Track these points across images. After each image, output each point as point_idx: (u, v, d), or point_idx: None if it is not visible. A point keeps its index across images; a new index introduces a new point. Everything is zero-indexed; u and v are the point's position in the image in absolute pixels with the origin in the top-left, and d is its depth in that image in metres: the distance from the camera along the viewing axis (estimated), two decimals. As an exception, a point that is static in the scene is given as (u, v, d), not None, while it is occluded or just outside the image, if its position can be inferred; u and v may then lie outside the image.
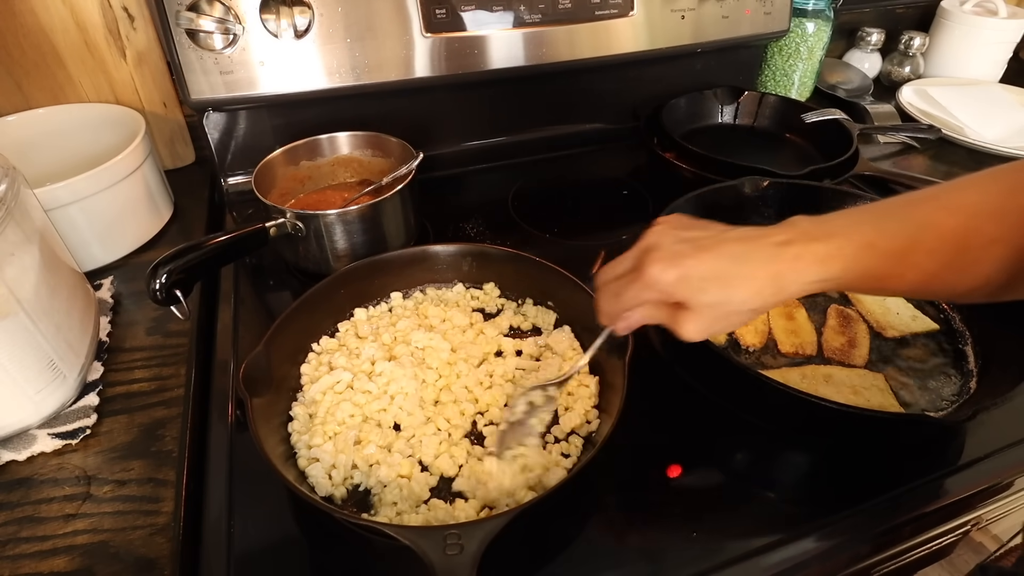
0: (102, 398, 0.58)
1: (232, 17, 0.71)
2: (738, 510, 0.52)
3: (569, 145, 1.02)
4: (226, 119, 0.82)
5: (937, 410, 0.58)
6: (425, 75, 0.82)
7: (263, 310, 0.72)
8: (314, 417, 0.55)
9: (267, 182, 0.74)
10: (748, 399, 0.58)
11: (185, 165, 0.92)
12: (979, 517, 0.65)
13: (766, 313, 0.67)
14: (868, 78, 1.21)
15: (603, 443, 0.48)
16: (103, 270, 0.73)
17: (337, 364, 0.59)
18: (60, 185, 0.65)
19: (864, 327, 0.66)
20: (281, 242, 0.69)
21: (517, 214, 0.87)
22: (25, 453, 0.53)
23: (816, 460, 0.56)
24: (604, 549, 0.48)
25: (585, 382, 0.59)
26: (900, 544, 0.58)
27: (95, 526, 0.48)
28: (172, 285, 0.57)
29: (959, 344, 0.65)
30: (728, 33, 0.95)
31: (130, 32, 0.79)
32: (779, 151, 1.00)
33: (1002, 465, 0.55)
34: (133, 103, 0.83)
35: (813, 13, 1.05)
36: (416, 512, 0.48)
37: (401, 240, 0.75)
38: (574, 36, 0.86)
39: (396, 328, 0.64)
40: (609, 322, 0.47)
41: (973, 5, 1.22)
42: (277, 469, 0.46)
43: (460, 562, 0.39)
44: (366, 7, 0.76)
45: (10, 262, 0.50)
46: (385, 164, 0.80)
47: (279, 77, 0.76)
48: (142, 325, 0.66)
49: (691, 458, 0.54)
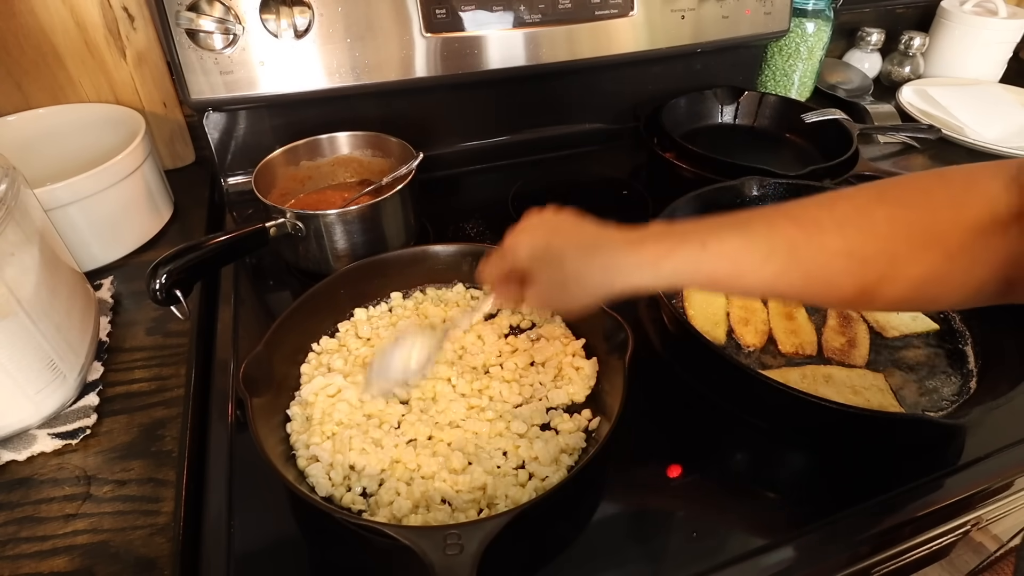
0: (102, 398, 0.58)
1: (232, 17, 0.71)
2: (738, 510, 0.52)
3: (569, 145, 1.02)
4: (226, 119, 0.82)
5: (937, 410, 0.58)
6: (425, 75, 0.82)
7: (263, 310, 0.72)
8: (311, 419, 0.55)
9: (267, 182, 0.74)
10: (748, 399, 0.58)
11: (185, 165, 0.92)
12: (979, 517, 0.65)
13: (766, 313, 0.67)
14: (868, 78, 1.21)
15: (603, 443, 0.48)
16: (103, 270, 0.73)
17: (335, 367, 0.59)
18: (60, 185, 0.65)
19: (864, 327, 0.66)
20: (281, 242, 0.69)
21: (517, 214, 0.86)
22: (25, 453, 0.53)
23: (816, 460, 0.56)
24: (604, 549, 0.48)
25: (577, 364, 0.60)
26: (900, 544, 0.58)
27: (95, 526, 0.48)
28: (172, 285, 0.57)
29: (959, 344, 0.65)
30: (728, 33, 0.95)
31: (130, 32, 0.79)
32: (779, 151, 1.00)
33: (1002, 465, 0.55)
34: (133, 103, 0.83)
35: (813, 13, 1.05)
36: (416, 512, 0.48)
37: (401, 240, 0.75)
38: (574, 36, 0.86)
39: (396, 327, 0.64)
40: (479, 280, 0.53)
41: (973, 5, 1.22)
42: (277, 469, 0.46)
43: (460, 562, 0.39)
44: (366, 7, 0.76)
45: (10, 262, 0.50)
46: (385, 164, 0.80)
47: (279, 77, 0.76)
48: (142, 325, 0.66)
49: (691, 458, 0.54)
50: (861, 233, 0.38)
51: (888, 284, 0.38)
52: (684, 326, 0.58)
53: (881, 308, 0.40)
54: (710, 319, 0.66)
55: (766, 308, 0.68)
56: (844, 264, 0.38)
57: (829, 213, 0.40)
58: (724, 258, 0.40)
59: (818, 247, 0.39)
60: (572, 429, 0.55)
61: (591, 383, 0.59)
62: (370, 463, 0.51)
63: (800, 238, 0.39)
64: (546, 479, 0.51)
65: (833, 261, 0.39)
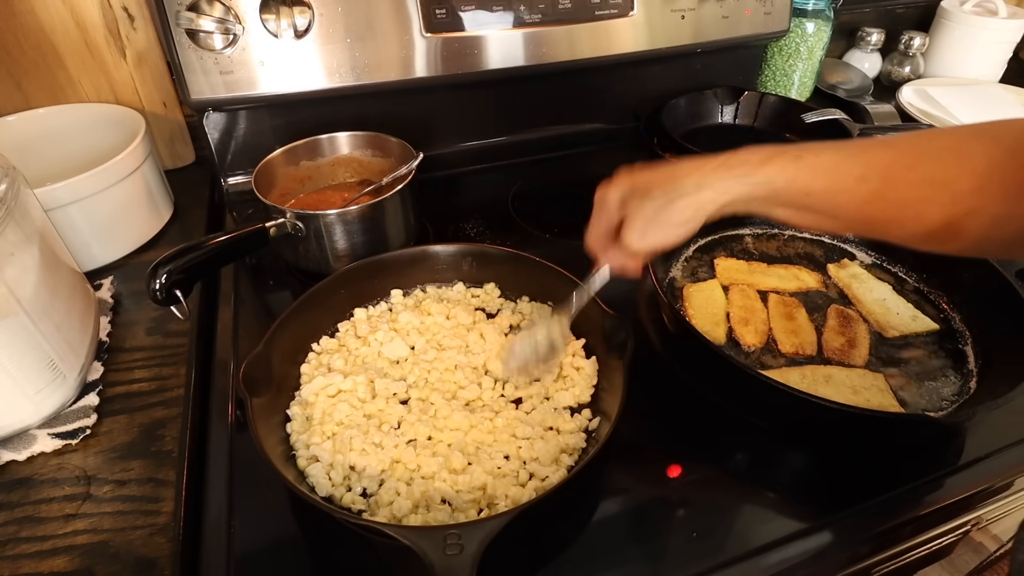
0: (102, 398, 0.58)
1: (232, 17, 0.71)
2: (738, 510, 0.52)
3: (569, 145, 1.02)
4: (226, 119, 0.82)
5: (937, 410, 0.58)
6: (425, 75, 0.82)
7: (263, 310, 0.72)
8: (311, 419, 0.55)
9: (267, 182, 0.74)
10: (748, 399, 0.58)
11: (185, 165, 0.92)
12: (979, 517, 0.65)
13: (766, 313, 0.67)
14: (868, 78, 1.21)
15: (603, 443, 0.48)
16: (103, 270, 0.73)
17: (335, 367, 0.59)
18: (60, 185, 0.65)
19: (864, 327, 0.66)
20: (281, 242, 0.69)
21: (517, 214, 0.87)
22: (25, 453, 0.53)
23: (816, 460, 0.56)
24: (604, 549, 0.48)
25: (577, 364, 0.60)
26: (900, 544, 0.58)
27: (95, 526, 0.48)
28: (172, 285, 0.57)
29: (959, 344, 0.65)
30: (728, 33, 0.95)
31: (130, 32, 0.79)
32: (779, 151, 1.00)
33: (1002, 465, 0.55)
34: (133, 103, 0.83)
35: (813, 13, 1.05)
36: (416, 512, 0.48)
37: (401, 240, 0.75)
38: (574, 36, 0.86)
39: (397, 323, 0.64)
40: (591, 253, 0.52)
41: (973, 5, 1.22)
42: (277, 469, 0.46)
43: (460, 562, 0.39)
44: (366, 7, 0.76)
45: (10, 262, 0.50)
46: (385, 164, 0.80)
47: (279, 77, 0.76)
48: (142, 325, 0.66)
49: (691, 458, 0.54)
50: (959, 165, 0.38)
51: (974, 217, 0.38)
52: (684, 326, 0.58)
53: (955, 246, 0.40)
54: (710, 319, 0.66)
55: (766, 308, 0.68)
56: (937, 193, 0.38)
57: (928, 142, 0.40)
58: (819, 172, 0.40)
59: (915, 174, 0.39)
60: (572, 429, 0.55)
61: (593, 382, 0.59)
62: (370, 463, 0.51)
63: (897, 163, 0.39)
64: (546, 479, 0.51)
65: (927, 190, 0.39)
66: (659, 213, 0.44)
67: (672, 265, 0.74)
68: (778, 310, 0.68)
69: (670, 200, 0.43)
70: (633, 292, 0.73)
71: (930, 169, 0.39)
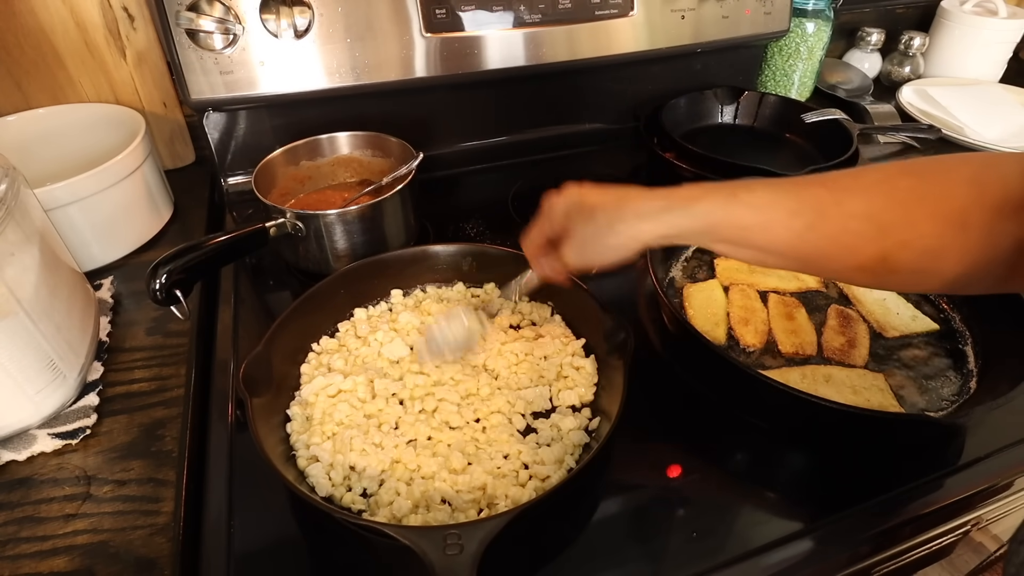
0: (102, 398, 0.58)
1: (232, 17, 0.71)
2: (738, 510, 0.52)
3: (569, 145, 1.02)
4: (226, 119, 0.82)
5: (937, 410, 0.58)
6: (425, 75, 0.82)
7: (263, 310, 0.72)
8: (311, 419, 0.55)
9: (267, 182, 0.74)
10: (748, 399, 0.58)
11: (185, 165, 0.92)
12: (979, 517, 0.65)
13: (766, 313, 0.67)
14: (868, 78, 1.21)
15: (603, 443, 0.48)
16: (103, 270, 0.73)
17: (335, 367, 0.59)
18: (60, 185, 0.65)
19: (864, 327, 0.66)
20: (281, 242, 0.69)
21: (517, 214, 0.87)
22: (25, 453, 0.53)
23: (816, 460, 0.56)
24: (604, 549, 0.48)
25: (577, 364, 0.60)
26: (900, 544, 0.58)
27: (95, 526, 0.48)
28: (172, 285, 0.57)
29: (959, 344, 0.65)
30: (728, 33, 0.95)
31: (130, 32, 0.79)
32: (779, 151, 1.00)
33: (1002, 465, 0.55)
34: (133, 103, 0.83)
35: (813, 13, 1.05)
36: (416, 512, 0.48)
37: (401, 240, 0.75)
38: (574, 36, 0.86)
39: (397, 323, 0.64)
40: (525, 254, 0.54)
41: (973, 5, 1.22)
42: (277, 469, 0.46)
43: (460, 562, 0.39)
44: (366, 7, 0.76)
45: (10, 262, 0.50)
46: (385, 164, 0.80)
47: (279, 77, 0.76)
48: (142, 325, 0.66)
49: (691, 458, 0.54)
50: (885, 199, 0.40)
51: (905, 250, 0.39)
52: (684, 326, 0.58)
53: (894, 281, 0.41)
54: (710, 319, 0.66)
55: (766, 308, 0.68)
56: (866, 227, 0.40)
57: (856, 180, 0.42)
58: (753, 208, 0.42)
59: (844, 209, 0.40)
60: (573, 429, 0.55)
61: (594, 381, 0.59)
62: (370, 463, 0.51)
63: (828, 199, 0.41)
64: (546, 479, 0.51)
65: (856, 224, 0.40)
66: (598, 236, 0.46)
67: (672, 265, 0.74)
68: (778, 310, 0.68)
69: (611, 225, 0.45)
70: (633, 292, 0.73)
71: (858, 202, 0.40)
